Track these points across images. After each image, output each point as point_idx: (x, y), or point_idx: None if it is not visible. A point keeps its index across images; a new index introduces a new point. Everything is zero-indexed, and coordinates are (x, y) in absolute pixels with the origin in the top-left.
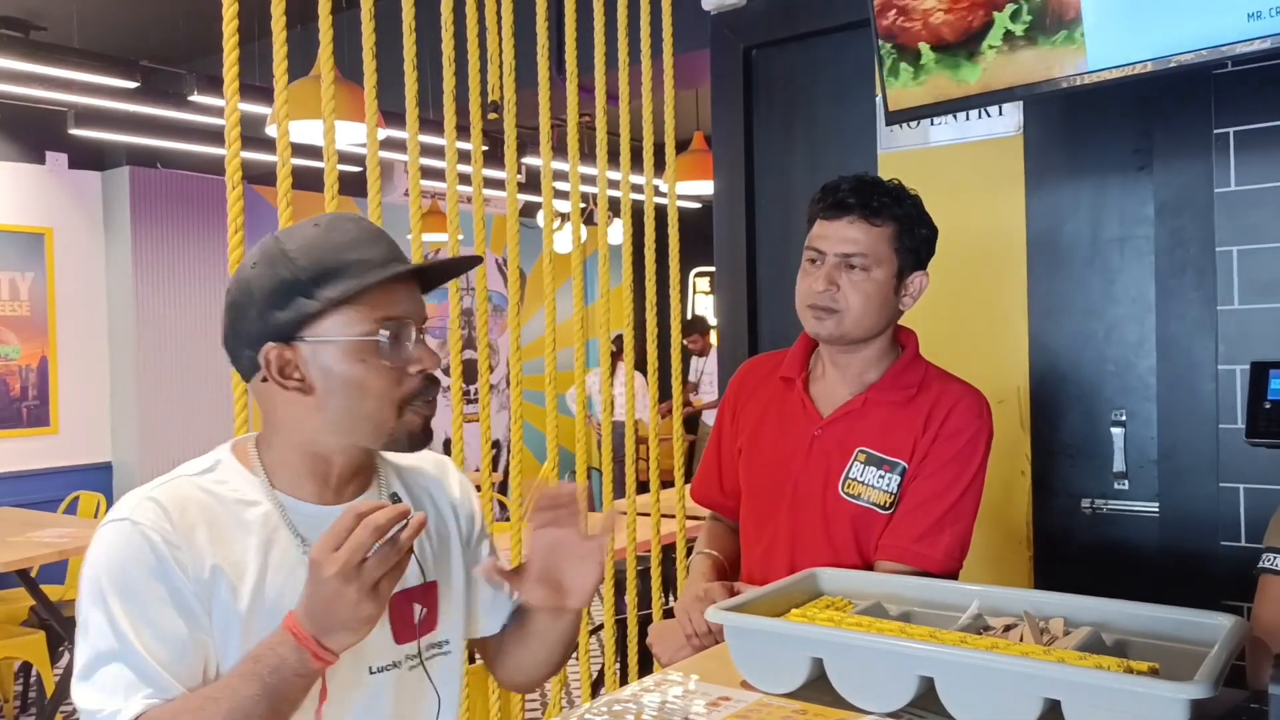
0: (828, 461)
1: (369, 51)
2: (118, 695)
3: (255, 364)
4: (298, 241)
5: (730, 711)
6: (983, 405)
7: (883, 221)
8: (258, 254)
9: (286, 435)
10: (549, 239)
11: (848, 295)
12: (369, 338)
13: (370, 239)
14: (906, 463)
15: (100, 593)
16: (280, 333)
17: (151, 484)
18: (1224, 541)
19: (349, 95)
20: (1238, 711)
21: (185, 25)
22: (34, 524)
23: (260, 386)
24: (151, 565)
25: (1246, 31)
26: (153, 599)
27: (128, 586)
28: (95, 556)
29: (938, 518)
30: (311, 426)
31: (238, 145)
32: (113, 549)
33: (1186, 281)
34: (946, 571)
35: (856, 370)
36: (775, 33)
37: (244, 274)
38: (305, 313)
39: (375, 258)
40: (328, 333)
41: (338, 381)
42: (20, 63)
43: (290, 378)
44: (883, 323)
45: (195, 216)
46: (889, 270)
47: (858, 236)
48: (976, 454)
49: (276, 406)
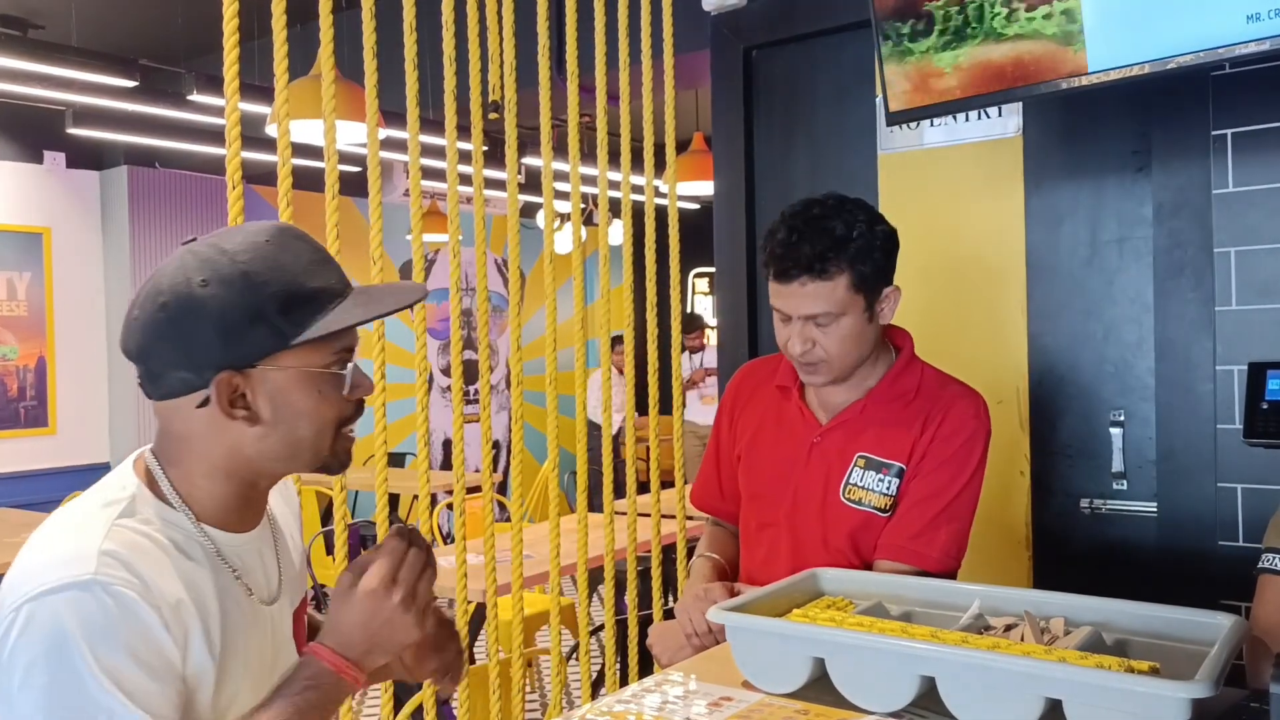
0: (827, 468)
1: (369, 51)
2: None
3: (191, 386)
4: (256, 261)
5: (732, 712)
6: (980, 406)
7: (835, 272)
8: (205, 270)
9: (213, 463)
10: (549, 239)
11: (826, 347)
12: (330, 370)
13: (323, 262)
14: (904, 464)
15: (76, 672)
16: (238, 361)
17: (71, 528)
18: (1222, 541)
19: (349, 95)
20: (1237, 710)
21: (184, 24)
22: (31, 525)
23: (188, 410)
24: (137, 630)
25: (1246, 33)
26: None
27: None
28: (58, 627)
29: (934, 516)
30: (248, 455)
31: (238, 145)
32: (74, 619)
33: (1184, 282)
34: (944, 570)
35: (852, 380)
36: (775, 34)
37: (188, 290)
38: (273, 345)
39: (334, 285)
40: (286, 363)
41: (289, 412)
42: (18, 61)
43: (237, 406)
44: (868, 348)
45: (194, 216)
46: (857, 309)
47: (815, 295)
48: (974, 454)
49: (206, 433)
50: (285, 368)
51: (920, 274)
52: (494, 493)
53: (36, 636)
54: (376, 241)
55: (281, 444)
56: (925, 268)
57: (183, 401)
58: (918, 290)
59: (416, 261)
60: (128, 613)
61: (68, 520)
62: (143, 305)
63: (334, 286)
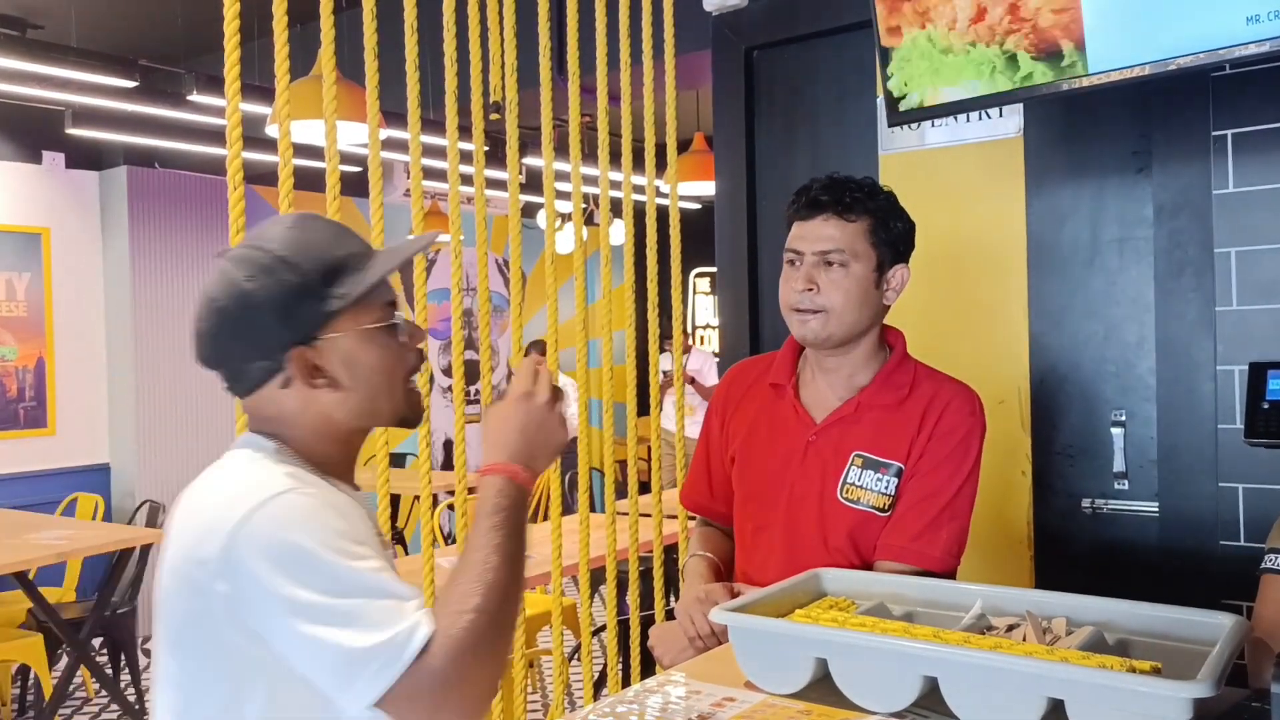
0: (824, 467)
1: (370, 51)
2: (397, 618)
3: (271, 372)
4: (287, 246)
5: (734, 712)
6: (975, 403)
7: (857, 216)
8: (246, 266)
9: (315, 433)
10: (550, 239)
11: (829, 294)
12: (383, 325)
13: (345, 233)
14: (902, 463)
15: (313, 555)
16: (303, 336)
17: (239, 471)
18: (1223, 541)
19: (350, 95)
20: (1239, 710)
21: (184, 24)
22: (32, 526)
23: (275, 394)
24: (336, 516)
25: (1246, 35)
26: (353, 540)
27: (334, 541)
28: (291, 522)
29: (935, 515)
30: (339, 419)
31: (239, 145)
32: (304, 513)
33: (1185, 282)
34: (946, 569)
35: (846, 373)
36: (776, 34)
37: (238, 288)
38: (326, 311)
39: (360, 249)
40: (345, 327)
41: (362, 370)
42: (17, 61)
43: (317, 377)
44: (867, 319)
45: (193, 217)
46: (868, 265)
47: (833, 233)
48: (971, 451)
49: (298, 408)
50: (345, 331)
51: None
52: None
53: (262, 543)
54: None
55: (362, 402)
56: (926, 268)
57: (268, 388)
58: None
59: (417, 261)
60: (327, 506)
61: (230, 470)
62: (202, 317)
63: (361, 250)
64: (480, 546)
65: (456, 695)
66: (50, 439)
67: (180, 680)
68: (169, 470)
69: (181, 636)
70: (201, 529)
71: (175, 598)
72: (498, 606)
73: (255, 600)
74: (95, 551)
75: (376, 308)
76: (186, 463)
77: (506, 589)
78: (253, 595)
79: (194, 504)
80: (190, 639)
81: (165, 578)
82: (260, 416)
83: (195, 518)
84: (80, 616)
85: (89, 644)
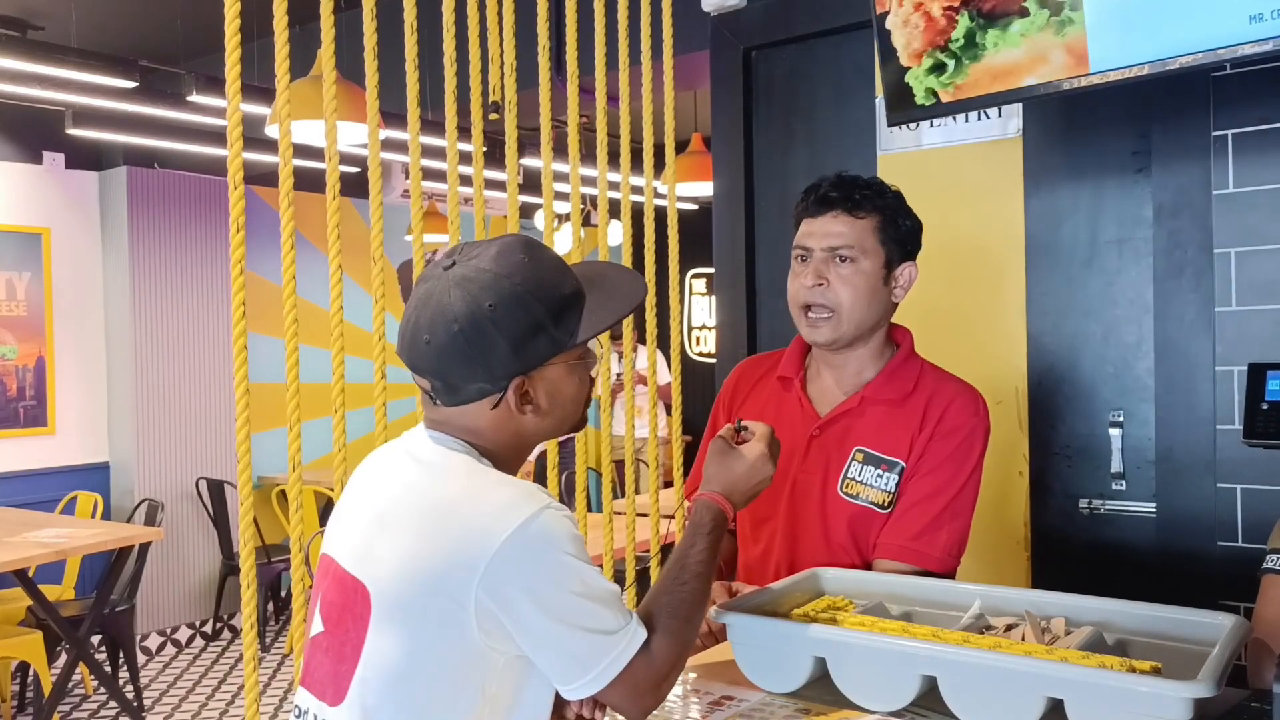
0: (826, 461)
1: (370, 51)
2: (627, 617)
3: (486, 394)
4: (529, 281)
5: (733, 711)
6: (979, 403)
7: (866, 214)
8: (492, 295)
9: (504, 446)
10: (549, 239)
11: (838, 290)
12: (586, 359)
13: (563, 266)
14: (904, 461)
15: (572, 566)
16: (527, 368)
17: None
18: (1221, 542)
19: (350, 95)
20: (1239, 710)
21: (184, 25)
22: (31, 524)
23: (483, 410)
24: (576, 530)
25: (1248, 34)
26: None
27: (583, 552)
28: (556, 536)
29: (935, 515)
30: (526, 436)
31: (239, 145)
32: (565, 526)
33: (1184, 283)
34: (945, 570)
35: (853, 369)
36: (775, 34)
37: (482, 314)
38: (553, 351)
39: (578, 286)
40: (560, 360)
41: (562, 399)
42: (17, 62)
43: (526, 403)
44: (875, 316)
45: (193, 217)
46: (876, 261)
47: (842, 230)
48: (974, 451)
49: (494, 426)
50: (558, 364)
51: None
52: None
53: (540, 545)
54: (377, 242)
55: (555, 424)
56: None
57: (478, 405)
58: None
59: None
60: (570, 519)
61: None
62: (433, 330)
63: (578, 287)
64: (692, 557)
65: (667, 684)
66: (50, 438)
67: (404, 668)
68: (167, 469)
69: (419, 626)
70: (465, 536)
71: (419, 593)
72: (700, 604)
73: (517, 608)
74: (94, 549)
75: (583, 344)
76: (185, 461)
77: (706, 593)
78: (516, 604)
79: (441, 504)
80: (430, 634)
81: (401, 569)
82: (455, 424)
83: (451, 521)
84: (79, 614)
85: (88, 641)
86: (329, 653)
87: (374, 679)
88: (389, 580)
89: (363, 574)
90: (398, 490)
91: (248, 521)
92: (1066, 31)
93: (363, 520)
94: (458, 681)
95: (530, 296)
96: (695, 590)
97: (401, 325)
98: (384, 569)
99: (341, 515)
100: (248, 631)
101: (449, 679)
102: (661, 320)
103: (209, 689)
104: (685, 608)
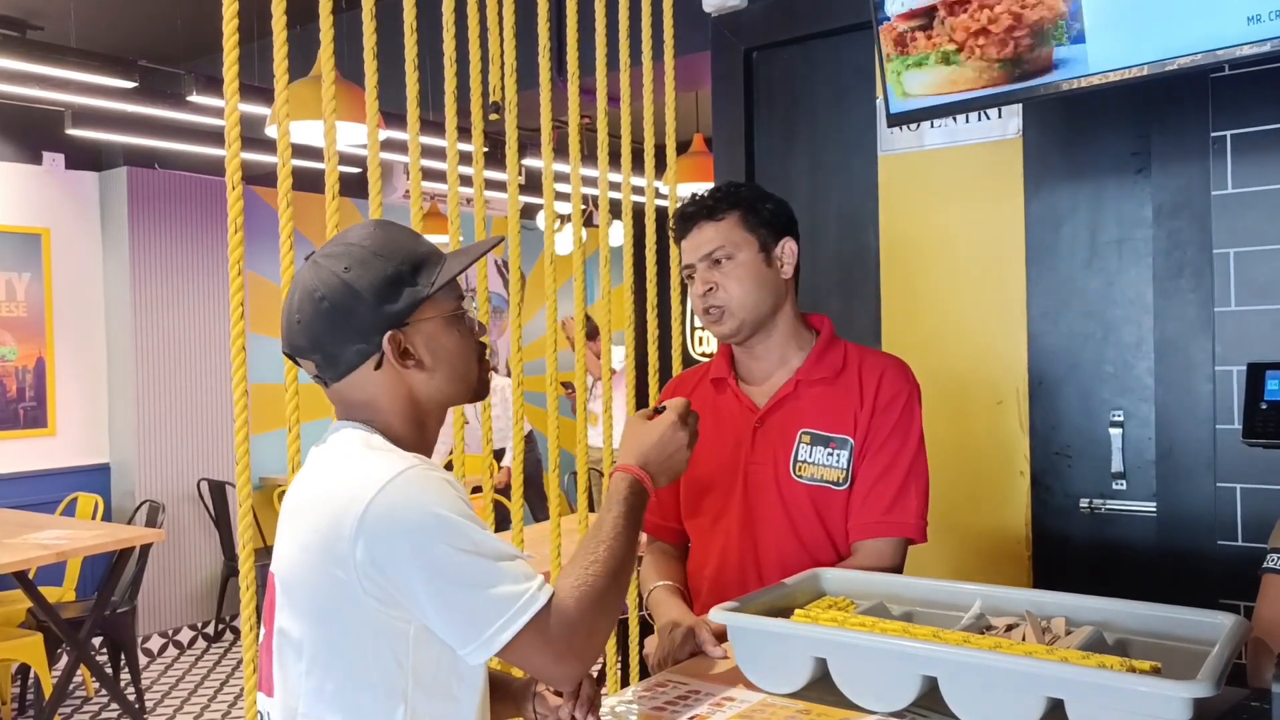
0: (774, 448)
1: (370, 52)
2: (527, 573)
3: (366, 355)
4: (377, 242)
5: (733, 712)
6: (906, 370)
7: (724, 213)
8: (343, 260)
9: (402, 415)
10: (550, 240)
11: (726, 287)
12: (459, 311)
13: (418, 235)
14: (850, 437)
15: (448, 521)
16: (396, 320)
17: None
18: (1220, 541)
19: (349, 96)
20: (1238, 710)
21: (184, 25)
22: (31, 526)
23: (368, 376)
24: (454, 489)
25: (1246, 35)
26: (470, 509)
27: (464, 512)
28: (424, 493)
29: (899, 485)
30: (423, 397)
31: (238, 145)
32: (435, 484)
33: (1184, 283)
34: (921, 535)
35: (776, 357)
36: (776, 35)
37: (338, 278)
38: (417, 299)
39: (435, 249)
40: (429, 313)
41: (444, 352)
42: (17, 62)
43: (408, 358)
44: (770, 299)
45: (193, 217)
46: (751, 250)
47: (709, 235)
48: (914, 416)
49: (385, 389)
50: (431, 317)
51: (920, 274)
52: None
53: (399, 515)
54: None
55: (445, 380)
56: (925, 268)
57: (360, 371)
58: (917, 290)
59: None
60: (446, 480)
61: (348, 453)
62: (300, 308)
63: (435, 250)
64: (606, 524)
65: (580, 641)
66: (50, 439)
67: (313, 651)
68: (168, 470)
69: (317, 608)
70: (337, 507)
71: (311, 572)
72: (616, 569)
73: (394, 567)
74: (95, 551)
75: (453, 298)
76: (186, 462)
77: (623, 558)
78: (392, 563)
79: (321, 488)
80: (327, 609)
81: (297, 555)
82: (350, 402)
83: (327, 499)
84: (80, 616)
85: (88, 643)
86: (265, 650)
87: (289, 664)
88: (285, 568)
89: (275, 569)
90: (299, 486)
91: (247, 523)
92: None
93: (280, 522)
94: (367, 655)
95: (383, 254)
96: (611, 551)
97: (280, 324)
98: (283, 560)
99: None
100: (248, 633)
101: (357, 653)
102: (662, 320)
103: (211, 691)
104: (599, 566)
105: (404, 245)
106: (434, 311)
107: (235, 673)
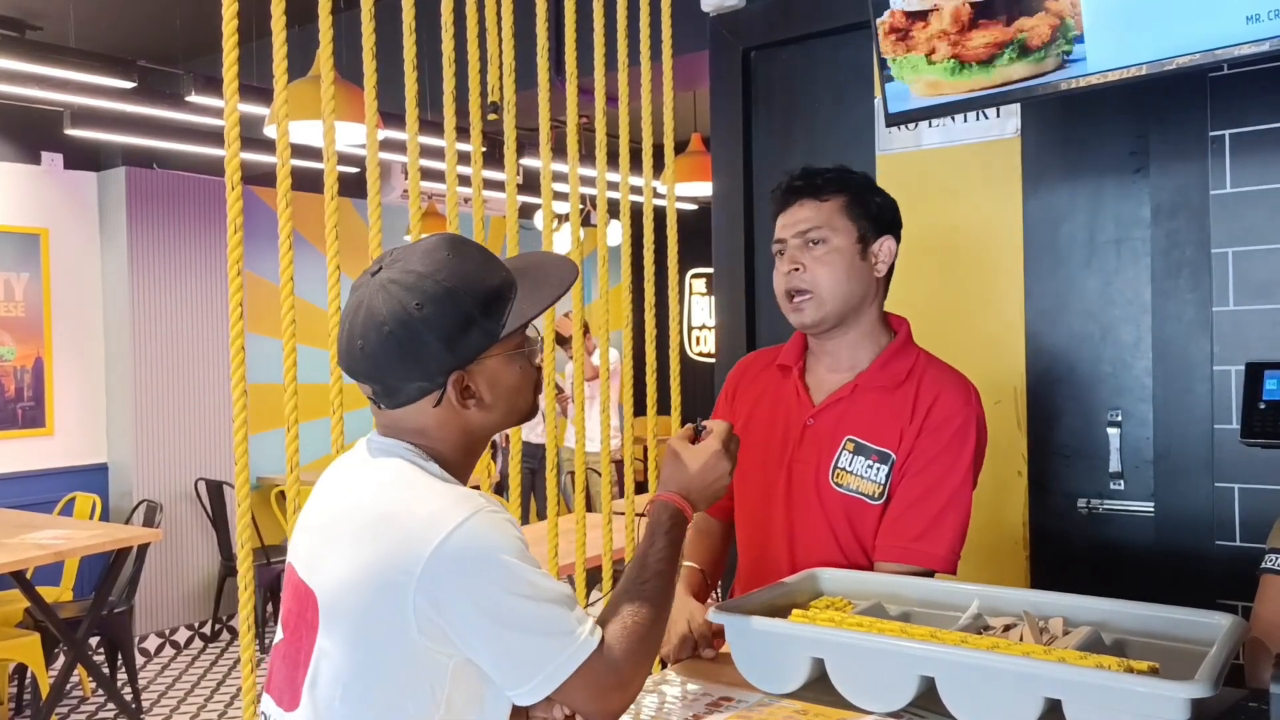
0: (819, 450)
1: (369, 52)
2: (580, 618)
3: (427, 391)
4: (453, 276)
5: (732, 712)
6: (970, 393)
7: (830, 195)
8: (415, 295)
9: (453, 444)
10: (548, 240)
11: (814, 271)
12: (524, 348)
13: (490, 258)
14: (894, 453)
15: (511, 567)
16: (462, 362)
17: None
18: (1219, 541)
19: (348, 96)
20: (1237, 710)
21: (183, 25)
22: (29, 525)
23: (425, 409)
24: (516, 530)
25: (1245, 34)
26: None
27: (525, 554)
28: (490, 539)
29: (935, 514)
30: (475, 430)
31: (237, 145)
32: (501, 529)
33: (1182, 283)
34: (949, 568)
35: (846, 356)
36: (774, 34)
37: (409, 314)
38: (486, 342)
39: (507, 276)
40: (495, 351)
41: (505, 389)
42: (16, 62)
43: (468, 398)
44: (858, 293)
45: (192, 217)
46: (849, 238)
47: (809, 214)
48: (967, 444)
49: (441, 423)
50: (495, 355)
51: (918, 274)
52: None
53: (467, 561)
54: (376, 242)
55: (502, 415)
56: (923, 268)
57: (420, 404)
58: (915, 290)
59: None
60: (510, 521)
61: (412, 486)
62: (365, 334)
63: (507, 277)
64: (650, 558)
65: (625, 680)
66: (48, 439)
67: (350, 675)
68: (166, 470)
69: (358, 633)
70: (402, 541)
71: (361, 599)
72: (661, 605)
73: (454, 609)
74: (92, 551)
75: (518, 334)
76: (183, 462)
77: (667, 592)
78: (451, 605)
79: (378, 511)
80: (369, 636)
81: (347, 575)
82: (402, 427)
83: (391, 528)
84: (77, 616)
85: (86, 643)
86: (286, 659)
87: (323, 685)
88: (332, 588)
89: (313, 582)
90: (342, 500)
91: (245, 523)
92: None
93: (314, 529)
94: (404, 685)
95: (457, 291)
96: (656, 588)
97: (339, 334)
98: (329, 577)
99: (301, 524)
100: (245, 633)
101: (395, 683)
102: (661, 320)
103: (208, 690)
104: (646, 607)
105: (478, 279)
106: (501, 349)
107: (232, 673)
